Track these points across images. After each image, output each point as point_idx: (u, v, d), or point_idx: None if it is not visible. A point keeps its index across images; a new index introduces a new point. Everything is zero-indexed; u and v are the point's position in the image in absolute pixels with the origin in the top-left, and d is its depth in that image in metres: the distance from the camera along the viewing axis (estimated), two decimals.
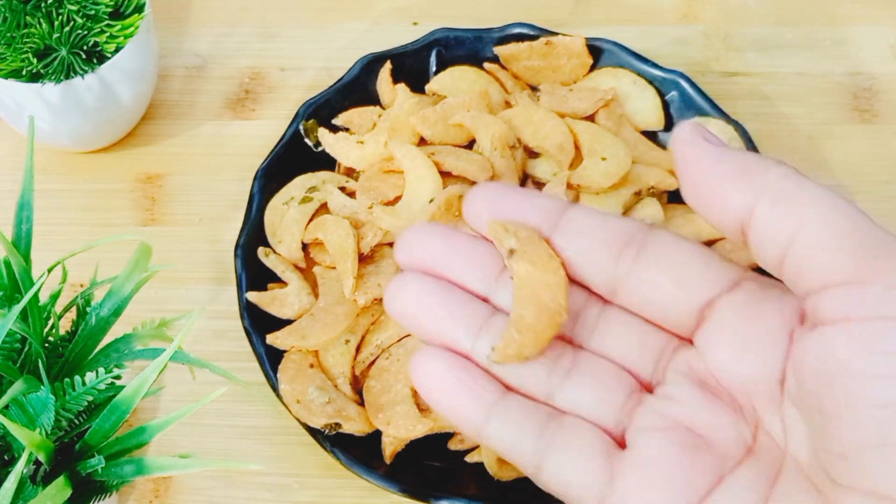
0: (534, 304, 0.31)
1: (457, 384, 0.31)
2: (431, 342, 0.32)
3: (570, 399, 0.32)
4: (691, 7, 0.74)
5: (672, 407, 0.31)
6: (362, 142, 0.62)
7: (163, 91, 0.70)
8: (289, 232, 0.60)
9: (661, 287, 0.31)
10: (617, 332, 0.32)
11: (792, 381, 0.29)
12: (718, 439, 0.30)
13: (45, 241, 0.52)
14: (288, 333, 0.57)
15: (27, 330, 0.44)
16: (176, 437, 0.58)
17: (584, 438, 0.31)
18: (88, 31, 0.59)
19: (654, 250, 0.31)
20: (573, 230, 0.32)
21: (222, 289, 0.63)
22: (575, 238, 0.32)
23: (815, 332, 0.28)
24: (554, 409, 0.32)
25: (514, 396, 0.32)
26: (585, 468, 0.30)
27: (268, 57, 0.72)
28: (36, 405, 0.42)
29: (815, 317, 0.28)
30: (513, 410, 0.31)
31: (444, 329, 0.32)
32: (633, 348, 0.32)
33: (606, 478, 0.30)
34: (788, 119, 0.69)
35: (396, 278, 0.33)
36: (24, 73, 0.59)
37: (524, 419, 0.31)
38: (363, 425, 0.55)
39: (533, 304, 0.31)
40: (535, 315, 0.31)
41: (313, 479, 0.57)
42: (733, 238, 0.30)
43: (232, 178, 0.66)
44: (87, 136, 0.65)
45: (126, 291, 0.47)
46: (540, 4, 0.74)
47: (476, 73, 0.66)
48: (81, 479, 0.44)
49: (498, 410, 0.31)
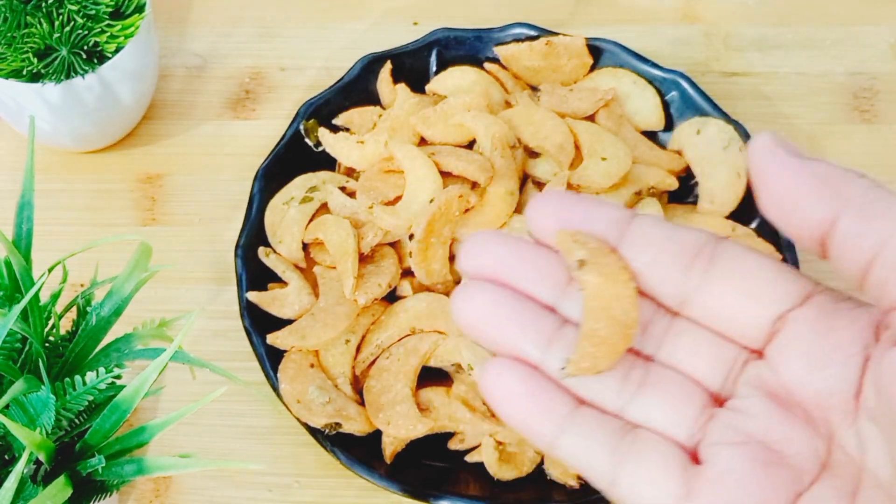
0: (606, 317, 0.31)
1: (529, 397, 0.31)
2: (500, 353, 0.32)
3: (642, 412, 0.31)
4: (691, 7, 0.74)
5: (745, 421, 0.31)
6: (362, 142, 0.62)
7: (163, 91, 0.70)
8: (289, 232, 0.60)
9: (733, 301, 0.31)
10: (687, 345, 0.32)
11: (870, 395, 0.29)
12: (793, 454, 0.30)
13: (45, 241, 0.52)
14: (288, 333, 0.57)
15: (28, 330, 0.44)
16: (176, 437, 0.58)
17: (660, 453, 0.30)
18: (89, 31, 0.59)
19: (725, 263, 0.31)
20: (640, 241, 0.32)
21: (222, 288, 0.63)
22: (643, 249, 0.31)
23: None
24: (627, 423, 0.31)
25: (587, 409, 0.31)
26: (662, 484, 0.30)
27: (268, 57, 0.72)
28: (36, 405, 0.42)
29: None
30: (585, 424, 0.31)
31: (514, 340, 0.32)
32: (703, 361, 0.32)
33: (683, 493, 0.30)
34: (788, 119, 0.69)
35: (463, 287, 0.32)
36: (24, 73, 0.59)
37: (597, 433, 0.31)
38: (363, 425, 0.55)
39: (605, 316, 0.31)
40: (607, 328, 0.31)
41: (313, 478, 0.58)
42: (811, 250, 0.30)
43: (232, 178, 0.66)
44: (87, 135, 0.65)
45: (126, 291, 0.47)
46: (540, 4, 0.74)
47: (476, 73, 0.66)
48: (82, 479, 0.44)
49: (570, 424, 0.31)
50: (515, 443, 0.55)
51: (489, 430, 0.55)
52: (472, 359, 0.56)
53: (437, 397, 0.56)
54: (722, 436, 0.30)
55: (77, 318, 0.48)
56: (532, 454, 0.55)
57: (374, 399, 0.55)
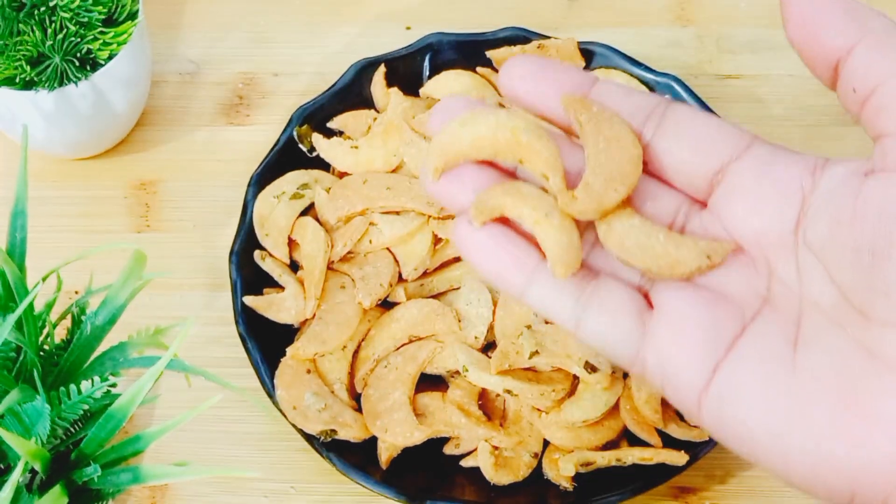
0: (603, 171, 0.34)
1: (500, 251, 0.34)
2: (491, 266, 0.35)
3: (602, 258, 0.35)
4: (684, 9, 0.74)
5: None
6: (356, 147, 0.63)
7: (156, 97, 0.70)
8: (276, 226, 0.60)
9: (678, 155, 0.34)
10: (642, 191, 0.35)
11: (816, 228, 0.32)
12: (734, 292, 0.33)
13: (39, 249, 0.52)
14: (308, 342, 0.57)
15: (22, 339, 0.44)
16: (172, 444, 0.57)
17: (619, 299, 0.34)
18: (82, 39, 0.59)
19: (673, 121, 0.34)
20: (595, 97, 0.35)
21: (217, 295, 0.63)
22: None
23: (880, 177, 0.31)
24: (590, 271, 0.35)
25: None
26: (621, 327, 0.33)
27: (261, 62, 0.72)
28: (31, 414, 0.42)
29: (883, 161, 0.31)
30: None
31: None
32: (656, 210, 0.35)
33: (640, 334, 0.33)
34: (782, 121, 0.69)
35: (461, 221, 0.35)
36: (17, 81, 0.59)
37: (563, 281, 0.34)
38: (359, 432, 0.55)
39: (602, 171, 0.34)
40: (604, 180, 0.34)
41: (309, 484, 0.58)
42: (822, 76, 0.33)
43: (226, 185, 0.66)
44: (81, 142, 0.65)
45: (121, 300, 0.47)
46: (532, 8, 0.74)
47: (470, 76, 0.66)
48: (77, 488, 0.44)
49: (539, 275, 0.34)
50: (511, 447, 0.55)
51: (485, 434, 0.55)
52: (467, 361, 0.56)
53: (433, 402, 0.56)
54: (668, 283, 0.34)
55: (72, 327, 0.48)
56: (528, 459, 0.55)
57: (372, 407, 0.56)
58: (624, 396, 0.55)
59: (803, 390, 0.31)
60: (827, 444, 0.30)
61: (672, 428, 0.55)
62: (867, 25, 0.31)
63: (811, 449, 0.30)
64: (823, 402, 0.30)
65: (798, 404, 0.30)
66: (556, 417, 0.55)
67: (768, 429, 0.31)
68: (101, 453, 0.44)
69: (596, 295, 0.34)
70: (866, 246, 0.30)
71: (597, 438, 0.55)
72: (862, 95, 0.31)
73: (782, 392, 0.31)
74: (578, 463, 0.54)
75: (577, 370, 0.54)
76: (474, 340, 0.57)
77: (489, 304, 0.58)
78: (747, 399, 0.31)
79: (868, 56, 0.31)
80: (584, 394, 0.55)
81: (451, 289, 0.60)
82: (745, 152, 0.34)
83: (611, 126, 0.34)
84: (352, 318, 0.58)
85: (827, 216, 0.32)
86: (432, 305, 0.58)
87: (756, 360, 0.32)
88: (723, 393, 0.32)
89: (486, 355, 0.56)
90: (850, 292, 0.31)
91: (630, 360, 0.34)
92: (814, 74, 0.33)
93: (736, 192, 0.33)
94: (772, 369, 0.31)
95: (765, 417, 0.31)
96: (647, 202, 0.35)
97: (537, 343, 0.55)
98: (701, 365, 0.32)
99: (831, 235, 0.31)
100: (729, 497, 0.57)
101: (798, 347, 0.31)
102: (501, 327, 0.57)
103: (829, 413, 0.30)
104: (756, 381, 0.31)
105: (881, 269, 0.30)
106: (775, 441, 0.31)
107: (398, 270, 0.59)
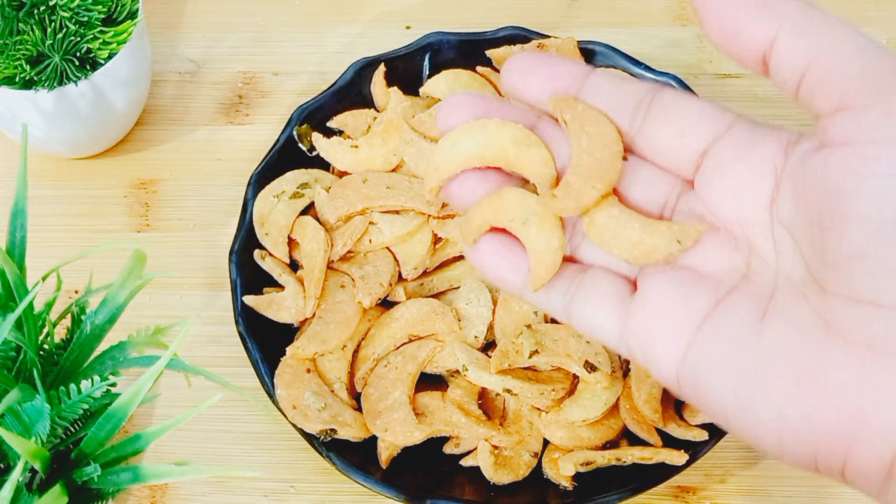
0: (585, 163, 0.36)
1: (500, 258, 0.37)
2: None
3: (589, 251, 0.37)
4: (684, 9, 0.74)
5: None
6: (356, 146, 0.63)
7: (156, 96, 0.70)
8: (276, 225, 0.60)
9: (665, 138, 0.35)
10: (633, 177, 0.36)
11: (783, 205, 0.33)
12: (714, 271, 0.34)
13: (39, 248, 0.52)
14: (308, 341, 0.57)
15: (22, 338, 0.44)
16: (171, 443, 0.58)
17: (602, 288, 0.36)
18: (81, 38, 0.59)
19: (661, 106, 0.35)
20: (595, 92, 0.36)
21: (217, 294, 0.63)
22: (597, 98, 0.36)
23: (821, 153, 0.31)
24: (580, 266, 0.37)
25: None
26: (603, 315, 0.35)
27: (261, 62, 0.72)
28: (31, 414, 0.42)
29: (822, 139, 0.32)
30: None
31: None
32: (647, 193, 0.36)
33: (621, 319, 0.35)
34: (782, 121, 0.69)
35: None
36: (17, 81, 0.59)
37: (554, 280, 0.36)
38: (359, 431, 0.55)
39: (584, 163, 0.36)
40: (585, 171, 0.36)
41: (309, 484, 0.58)
42: (756, 70, 0.33)
43: (226, 184, 0.66)
44: (80, 142, 0.65)
45: (121, 299, 0.47)
46: (532, 8, 0.74)
47: (470, 76, 0.66)
48: (77, 487, 0.44)
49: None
50: (511, 447, 0.55)
51: (485, 434, 0.55)
52: (467, 360, 0.56)
53: (433, 402, 0.56)
54: (651, 267, 0.35)
55: (71, 326, 0.48)
56: (528, 458, 0.55)
57: (372, 406, 0.56)
58: (624, 396, 0.55)
59: (766, 362, 0.32)
60: (787, 413, 0.31)
61: (672, 427, 0.55)
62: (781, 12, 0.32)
63: (774, 417, 0.31)
64: (783, 372, 0.31)
65: (761, 375, 0.32)
66: (556, 417, 0.55)
67: (736, 399, 0.32)
68: (100, 453, 0.44)
69: (582, 287, 0.36)
70: (816, 219, 0.31)
71: (597, 438, 0.55)
72: (793, 83, 0.32)
73: (747, 364, 0.32)
74: (578, 462, 0.54)
75: (576, 370, 0.54)
76: (474, 340, 0.57)
77: (489, 304, 0.58)
78: (716, 371, 0.33)
79: (788, 44, 0.32)
80: (584, 393, 0.55)
81: (451, 288, 0.60)
82: (726, 132, 0.34)
83: (594, 124, 0.35)
84: (352, 317, 0.58)
85: (790, 192, 0.33)
86: (432, 305, 0.58)
87: (724, 334, 0.33)
88: (696, 366, 0.33)
89: (486, 355, 0.56)
90: (811, 265, 0.32)
91: (617, 344, 0.36)
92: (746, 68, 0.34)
93: (716, 172, 0.34)
94: (738, 342, 0.32)
95: (733, 388, 0.32)
96: (639, 186, 0.36)
97: (537, 342, 0.55)
98: (676, 341, 0.34)
99: (795, 210, 0.32)
100: (729, 497, 0.57)
101: (765, 320, 0.32)
102: (501, 326, 0.57)
103: (787, 383, 0.31)
104: (724, 353, 0.33)
105: (828, 242, 0.31)
106: (744, 411, 0.32)
107: (398, 270, 0.59)
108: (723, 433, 0.54)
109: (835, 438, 0.30)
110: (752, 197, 0.34)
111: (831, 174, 0.31)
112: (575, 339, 0.55)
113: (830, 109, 0.31)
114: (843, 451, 0.30)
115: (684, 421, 0.55)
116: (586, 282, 0.36)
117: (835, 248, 0.30)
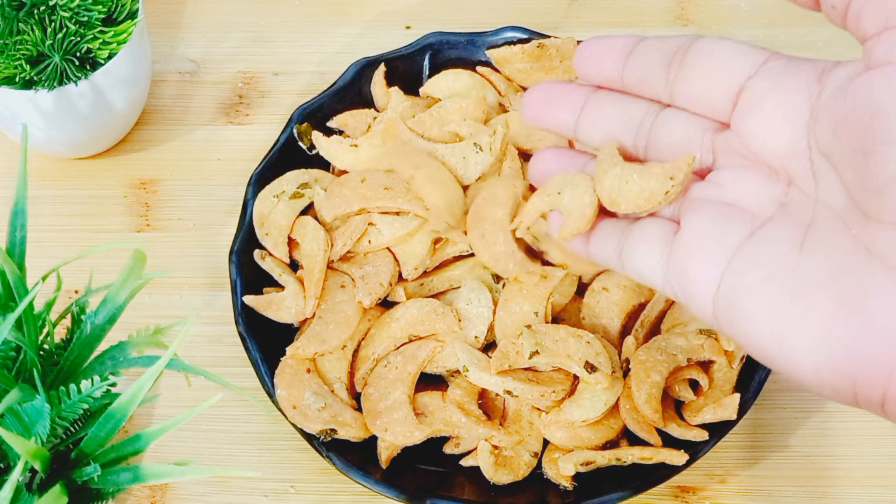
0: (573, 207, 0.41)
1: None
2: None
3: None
4: (684, 9, 0.74)
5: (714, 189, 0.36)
6: (356, 145, 0.62)
7: (156, 96, 0.70)
8: (276, 225, 0.60)
9: (700, 82, 0.36)
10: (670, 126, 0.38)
11: (821, 133, 0.33)
12: (751, 202, 0.35)
13: (39, 248, 0.52)
14: (308, 341, 0.57)
15: (22, 338, 0.44)
16: (171, 443, 0.58)
17: (648, 234, 0.37)
18: (81, 38, 0.59)
19: (695, 52, 0.37)
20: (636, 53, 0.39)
21: (217, 294, 0.63)
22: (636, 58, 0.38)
23: (865, 75, 0.31)
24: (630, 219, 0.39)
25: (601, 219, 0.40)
26: (650, 258, 0.37)
27: (261, 61, 0.72)
28: (31, 414, 0.42)
29: (867, 61, 0.32)
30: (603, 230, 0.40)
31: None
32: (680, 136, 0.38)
33: (664, 259, 0.36)
34: None
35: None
36: (17, 81, 0.59)
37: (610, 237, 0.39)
38: (359, 431, 0.55)
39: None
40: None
41: (309, 484, 0.58)
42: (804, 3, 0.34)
43: (226, 184, 0.66)
44: (80, 142, 0.65)
45: (121, 299, 0.47)
46: (532, 8, 0.74)
47: (470, 76, 0.66)
48: (77, 487, 0.44)
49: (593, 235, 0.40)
50: (511, 447, 0.55)
51: (485, 434, 0.55)
52: (467, 360, 0.56)
53: (433, 402, 0.56)
54: (692, 203, 0.36)
55: (71, 326, 0.48)
56: (528, 458, 0.55)
57: (372, 406, 0.55)
58: (624, 396, 0.55)
59: (803, 291, 0.31)
60: (825, 343, 0.31)
61: (672, 427, 0.55)
62: None
63: (812, 348, 0.31)
64: (822, 301, 0.31)
65: (798, 304, 0.31)
66: (556, 417, 0.55)
67: (773, 331, 0.32)
68: (100, 452, 0.44)
69: (630, 234, 0.38)
70: (858, 145, 0.31)
71: (597, 438, 0.55)
72: (841, 9, 0.33)
73: (784, 293, 0.32)
74: (578, 462, 0.54)
75: (577, 370, 0.54)
76: (474, 340, 0.57)
77: (489, 304, 0.58)
78: (752, 301, 0.32)
79: None
80: (584, 393, 0.55)
81: (451, 288, 0.60)
82: (760, 67, 0.35)
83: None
84: (352, 317, 0.58)
85: (829, 119, 0.32)
86: (432, 305, 0.58)
87: (760, 263, 0.33)
88: (731, 296, 0.33)
89: (487, 355, 0.56)
90: (854, 192, 0.32)
91: (662, 285, 0.37)
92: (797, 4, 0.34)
93: (751, 106, 0.35)
94: (775, 271, 0.32)
95: (769, 320, 0.32)
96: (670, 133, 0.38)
97: (537, 343, 0.55)
98: (710, 270, 0.34)
99: (835, 138, 0.32)
100: (729, 497, 0.57)
101: (803, 249, 0.32)
102: (501, 327, 0.57)
103: (826, 312, 0.31)
104: (759, 282, 0.32)
105: (871, 167, 0.30)
106: (780, 342, 0.32)
107: (398, 270, 0.59)
108: (723, 433, 0.54)
109: (875, 368, 0.30)
110: (789, 127, 0.34)
111: (875, 96, 0.30)
112: (575, 340, 0.55)
113: (877, 29, 0.31)
114: (884, 381, 0.30)
115: (684, 421, 0.55)
116: (635, 230, 0.38)
117: (878, 172, 0.30)
